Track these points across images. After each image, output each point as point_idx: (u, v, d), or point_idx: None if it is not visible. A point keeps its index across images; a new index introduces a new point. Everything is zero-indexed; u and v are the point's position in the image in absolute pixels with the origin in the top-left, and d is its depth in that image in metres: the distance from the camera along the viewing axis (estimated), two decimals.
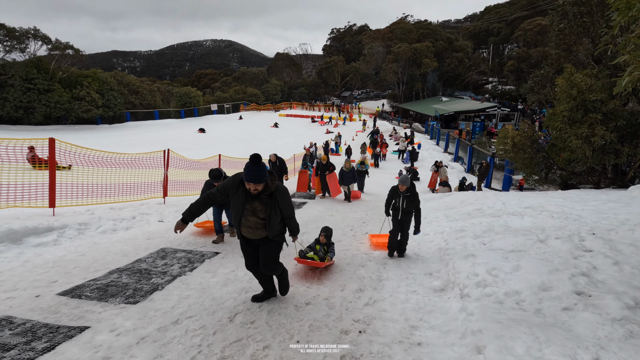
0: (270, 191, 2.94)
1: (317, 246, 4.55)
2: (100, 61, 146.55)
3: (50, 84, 30.69)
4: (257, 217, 2.99)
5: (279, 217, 3.07)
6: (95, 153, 6.41)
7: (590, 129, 9.20)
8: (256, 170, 2.75)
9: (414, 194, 4.74)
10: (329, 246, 4.53)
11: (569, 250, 3.96)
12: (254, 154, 2.78)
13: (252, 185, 2.79)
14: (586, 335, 2.43)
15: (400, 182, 4.68)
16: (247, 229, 3.05)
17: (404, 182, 4.66)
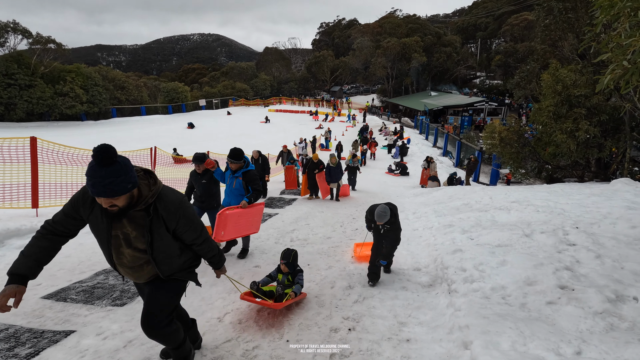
0: (145, 203, 1.81)
1: (279, 275, 3.43)
2: (84, 55, 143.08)
3: (31, 80, 29.82)
4: (133, 249, 1.89)
5: (174, 244, 1.98)
6: (78, 152, 6.27)
7: (574, 123, 9.39)
8: (106, 174, 1.61)
9: (394, 224, 3.84)
10: (295, 275, 3.37)
11: (554, 244, 4.05)
12: (101, 146, 1.63)
13: (104, 201, 1.68)
14: (569, 329, 2.49)
15: (377, 218, 3.61)
16: (125, 269, 1.96)
17: (380, 217, 3.59)
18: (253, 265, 4.41)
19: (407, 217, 7.20)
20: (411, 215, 7.26)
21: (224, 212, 3.86)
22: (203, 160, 4.60)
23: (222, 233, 3.85)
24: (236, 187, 4.34)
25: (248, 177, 4.23)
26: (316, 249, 5.13)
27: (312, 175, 9.16)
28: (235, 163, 4.19)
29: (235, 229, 4.10)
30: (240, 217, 4.09)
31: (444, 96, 42.94)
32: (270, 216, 7.28)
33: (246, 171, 4.23)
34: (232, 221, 4.01)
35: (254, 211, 4.35)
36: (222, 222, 3.84)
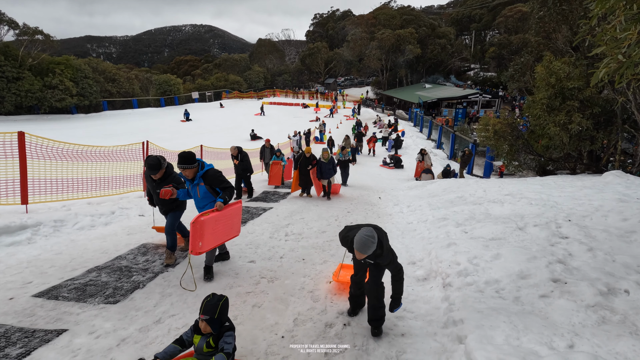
0: None
1: (195, 338, 2.31)
2: (73, 47, 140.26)
3: (19, 72, 29.14)
4: None
5: None
6: (68, 146, 6.15)
7: (567, 116, 9.43)
8: None
9: (384, 258, 2.68)
10: (220, 338, 2.25)
11: (547, 237, 4.08)
12: None
13: None
14: (562, 322, 2.52)
15: (357, 248, 2.51)
16: None
17: (362, 248, 2.49)
18: (248, 261, 4.39)
19: (401, 211, 7.22)
20: (405, 209, 7.28)
21: (198, 220, 3.29)
22: (157, 169, 3.89)
23: (200, 244, 3.32)
24: (203, 195, 3.78)
25: (209, 178, 3.70)
26: (311, 243, 5.12)
27: (305, 172, 8.55)
28: (188, 168, 3.60)
29: (214, 237, 3.57)
30: (217, 221, 3.56)
31: (438, 88, 42.92)
32: (264, 210, 7.25)
33: (204, 173, 3.69)
34: (210, 228, 3.45)
35: (232, 212, 3.86)
36: (197, 231, 3.28)
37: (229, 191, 3.74)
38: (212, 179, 3.71)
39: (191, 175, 3.68)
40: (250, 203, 8.05)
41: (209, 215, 3.45)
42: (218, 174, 3.76)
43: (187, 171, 3.63)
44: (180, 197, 3.92)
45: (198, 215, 3.38)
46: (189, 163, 3.60)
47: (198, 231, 3.31)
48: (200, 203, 3.86)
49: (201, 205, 3.84)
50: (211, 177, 3.71)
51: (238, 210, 4.00)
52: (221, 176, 3.77)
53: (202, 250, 3.39)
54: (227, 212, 3.76)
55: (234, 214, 3.91)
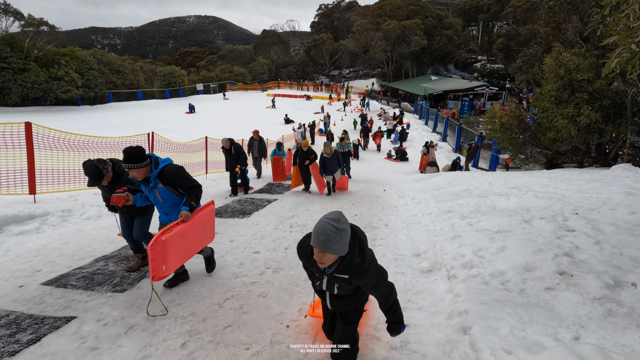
0: None
1: None
2: (78, 38, 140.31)
3: (25, 63, 29.29)
4: None
5: None
6: (74, 137, 6.19)
7: (576, 108, 9.29)
8: None
9: (365, 273, 1.79)
10: None
11: (553, 230, 4.05)
12: None
13: None
14: (567, 315, 2.51)
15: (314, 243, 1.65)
16: None
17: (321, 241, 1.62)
18: (252, 252, 4.41)
19: (406, 203, 7.20)
20: (410, 201, 7.26)
21: (158, 240, 2.67)
22: (97, 178, 3.35)
23: (164, 267, 2.74)
24: (164, 198, 3.10)
25: (167, 177, 3.00)
26: None
27: (304, 167, 8.12)
28: (135, 168, 2.87)
29: (182, 254, 2.98)
30: (184, 235, 2.95)
31: (444, 80, 42.48)
32: (269, 202, 7.27)
33: (160, 172, 2.99)
34: (175, 245, 2.84)
35: (202, 217, 3.23)
36: (158, 253, 2.68)
37: (195, 193, 3.08)
38: (171, 177, 3.01)
39: (141, 176, 2.93)
40: (255, 195, 8.08)
41: (173, 232, 2.81)
42: (179, 171, 3.07)
43: (134, 171, 2.89)
44: (138, 203, 3.25)
45: (158, 234, 2.74)
46: (135, 161, 2.86)
47: (159, 254, 2.70)
48: (165, 209, 3.21)
49: (167, 211, 3.22)
50: (170, 175, 3.00)
51: (210, 214, 3.39)
52: (183, 173, 3.09)
53: (166, 274, 2.80)
54: (196, 220, 3.12)
55: (205, 220, 3.29)
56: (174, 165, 3.09)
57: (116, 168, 3.55)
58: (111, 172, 3.50)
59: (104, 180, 3.45)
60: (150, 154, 3.02)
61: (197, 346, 2.51)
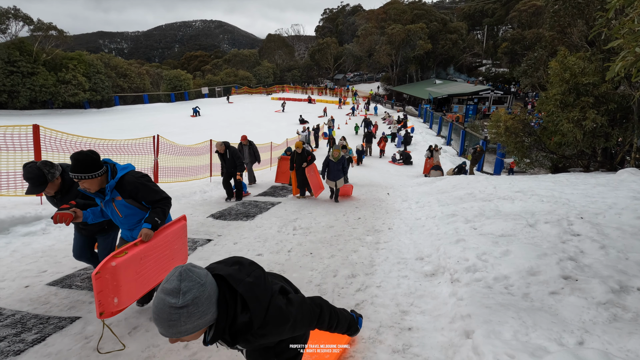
0: None
1: None
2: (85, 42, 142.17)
3: (34, 67, 29.73)
4: None
5: None
6: (81, 140, 6.27)
7: (581, 112, 9.23)
8: None
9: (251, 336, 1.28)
10: None
11: (558, 234, 4.02)
12: None
13: None
14: (572, 319, 2.49)
15: (155, 323, 1.14)
16: None
17: (162, 327, 1.13)
18: (255, 254, 4.43)
19: (410, 207, 7.19)
20: (414, 205, 7.24)
21: (106, 266, 2.13)
22: (40, 184, 2.78)
23: (116, 300, 2.19)
24: (125, 213, 2.60)
25: (127, 188, 2.49)
26: (319, 238, 5.14)
27: (301, 170, 7.79)
28: (86, 178, 2.33)
29: (141, 282, 2.40)
30: (144, 258, 2.40)
31: (449, 84, 42.45)
32: (272, 205, 7.30)
33: (119, 182, 2.48)
34: (130, 273, 2.29)
35: (170, 236, 2.65)
36: (107, 283, 2.14)
37: (161, 207, 2.56)
38: (132, 188, 2.50)
39: (95, 187, 2.41)
40: (258, 197, 8.10)
41: (127, 255, 2.27)
42: (142, 181, 2.53)
43: (85, 182, 2.35)
44: (90, 220, 2.63)
45: (107, 258, 2.19)
46: (86, 170, 2.32)
47: (108, 283, 2.15)
48: (127, 225, 2.69)
49: (129, 227, 2.70)
50: (131, 185, 2.49)
51: (180, 232, 2.82)
52: (148, 183, 2.57)
53: (119, 309, 2.24)
54: (161, 240, 2.56)
55: (173, 239, 2.71)
56: (136, 173, 2.56)
57: (66, 175, 2.94)
58: (59, 178, 2.88)
59: (49, 188, 2.81)
60: (106, 160, 2.51)
61: (200, 347, 2.52)
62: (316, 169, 8.01)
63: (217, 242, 4.85)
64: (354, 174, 12.30)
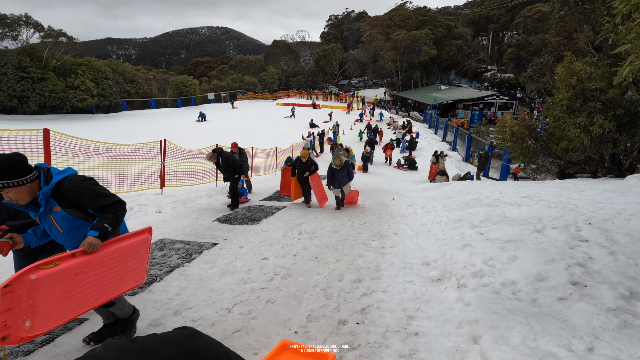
0: None
1: None
2: (94, 49, 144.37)
3: (44, 73, 30.25)
4: None
5: None
6: (91, 144, 6.35)
7: (589, 118, 9.17)
8: None
9: None
10: None
11: (566, 240, 3.98)
12: None
13: None
14: (581, 325, 2.46)
15: None
16: None
17: None
18: (261, 258, 4.44)
19: (415, 212, 7.17)
20: (419, 210, 7.22)
21: (23, 278, 1.73)
22: None
23: (28, 323, 1.75)
24: (67, 228, 2.14)
25: (69, 196, 2.06)
26: (324, 242, 5.14)
27: (304, 179, 7.63)
28: (14, 186, 1.93)
29: (72, 303, 1.93)
30: (80, 275, 1.95)
31: (454, 90, 42.40)
32: (278, 209, 7.31)
33: (56, 189, 2.05)
34: (57, 290, 1.86)
35: (124, 251, 2.24)
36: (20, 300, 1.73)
37: (113, 212, 2.14)
38: (74, 195, 2.06)
39: (24, 197, 1.99)
40: (264, 202, 8.13)
41: (56, 268, 1.86)
42: (85, 185, 2.12)
43: (11, 192, 1.94)
44: (34, 242, 2.26)
45: (28, 268, 1.77)
46: (10, 176, 1.91)
47: (21, 301, 1.73)
48: (71, 242, 2.21)
49: (76, 245, 2.16)
50: (71, 192, 2.05)
51: (140, 247, 2.39)
52: (93, 187, 2.15)
53: (32, 334, 1.77)
54: (111, 253, 2.15)
55: (128, 254, 2.28)
56: (77, 177, 2.14)
57: None
58: None
59: None
60: (39, 165, 2.09)
61: None
62: (319, 179, 7.83)
63: (223, 246, 4.86)
64: (359, 179, 12.29)
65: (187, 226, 5.79)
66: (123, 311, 2.50)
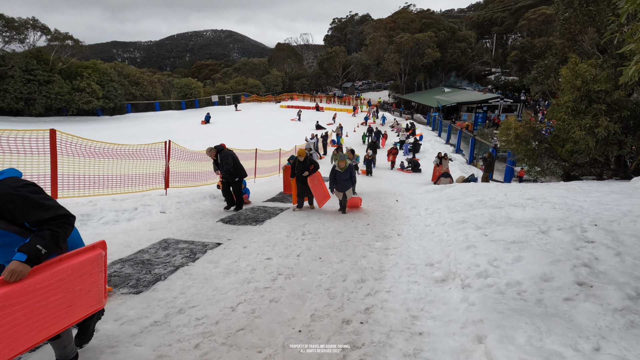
0: None
1: None
2: (100, 52, 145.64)
3: (50, 75, 30.54)
4: None
5: None
6: (96, 144, 6.40)
7: (594, 119, 9.12)
8: None
9: None
10: None
11: (571, 241, 3.96)
12: None
13: None
14: (587, 325, 2.44)
15: None
16: None
17: None
18: (265, 258, 4.44)
19: (419, 213, 7.15)
20: (423, 211, 7.20)
21: None
22: None
23: None
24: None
25: None
26: (327, 243, 5.13)
27: (302, 179, 7.28)
28: None
29: None
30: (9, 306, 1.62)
31: (457, 92, 42.32)
32: (281, 210, 7.32)
33: None
34: None
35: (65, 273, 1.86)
36: None
37: (51, 229, 1.78)
38: (4, 204, 1.72)
39: None
40: (267, 203, 8.14)
41: None
42: (21, 192, 1.76)
43: None
44: None
45: None
46: None
47: None
48: (3, 260, 1.86)
49: None
50: (2, 200, 1.72)
51: (90, 266, 2.02)
52: (32, 194, 1.79)
53: None
54: (47, 279, 1.79)
55: (74, 277, 1.92)
56: (14, 181, 1.80)
57: None
58: None
59: None
60: None
61: (211, 347, 2.53)
62: (320, 178, 7.63)
63: (226, 246, 4.87)
64: (362, 182, 12.27)
65: (191, 226, 5.81)
66: (65, 351, 2.10)
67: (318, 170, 7.51)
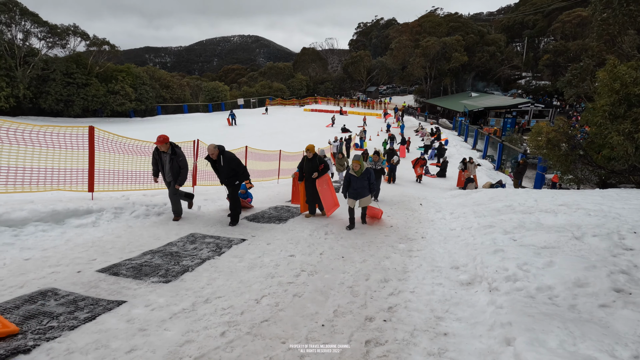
0: None
1: None
2: (133, 57, 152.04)
3: (88, 79, 32.26)
4: None
5: None
6: (129, 141, 6.71)
7: (634, 124, 8.64)
8: None
9: None
10: None
11: (607, 248, 3.77)
12: None
13: None
14: (625, 332, 2.32)
15: None
16: None
17: None
18: (288, 255, 4.49)
19: (444, 217, 7.01)
20: (448, 215, 7.06)
21: None
22: None
23: None
24: None
25: None
26: (350, 243, 5.13)
27: (311, 181, 6.33)
28: None
29: None
30: None
31: (485, 97, 41.23)
32: None
33: None
34: None
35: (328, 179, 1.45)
36: None
37: None
38: None
39: None
40: (289, 203, 8.21)
41: None
42: None
43: None
44: None
45: None
46: None
47: None
48: None
49: None
50: None
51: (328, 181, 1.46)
52: None
53: None
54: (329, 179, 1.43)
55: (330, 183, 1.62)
56: None
57: None
58: None
59: None
60: None
61: (236, 336, 2.59)
62: (330, 182, 6.83)
63: (251, 242, 4.97)
64: (384, 187, 12.12)
65: (217, 222, 5.95)
66: None
67: (327, 173, 6.66)
